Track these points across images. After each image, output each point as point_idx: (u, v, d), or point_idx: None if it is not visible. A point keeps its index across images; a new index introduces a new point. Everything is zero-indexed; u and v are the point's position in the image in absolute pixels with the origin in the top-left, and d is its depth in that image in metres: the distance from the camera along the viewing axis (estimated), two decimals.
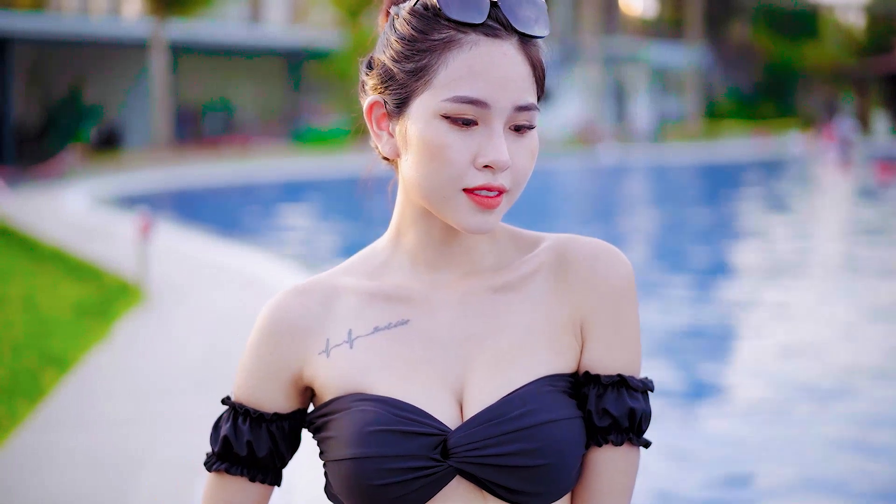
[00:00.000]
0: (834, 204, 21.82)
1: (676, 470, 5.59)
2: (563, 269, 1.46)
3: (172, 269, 10.85)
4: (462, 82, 1.34)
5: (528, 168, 1.39)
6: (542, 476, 1.38)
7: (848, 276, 11.99)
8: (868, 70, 49.04)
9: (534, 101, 1.38)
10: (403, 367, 1.42)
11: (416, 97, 1.37)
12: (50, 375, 6.64)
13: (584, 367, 1.45)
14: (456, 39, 1.35)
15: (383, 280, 1.47)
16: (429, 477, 1.36)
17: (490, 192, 1.35)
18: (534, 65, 1.38)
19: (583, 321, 1.45)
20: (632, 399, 1.44)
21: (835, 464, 5.67)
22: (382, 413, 1.37)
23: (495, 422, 1.37)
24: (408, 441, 1.36)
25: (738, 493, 5.41)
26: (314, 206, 20.23)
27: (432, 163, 1.36)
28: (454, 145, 1.35)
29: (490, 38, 1.35)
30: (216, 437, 1.50)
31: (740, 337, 9.10)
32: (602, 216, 19.52)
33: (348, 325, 1.45)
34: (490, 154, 1.34)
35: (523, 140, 1.38)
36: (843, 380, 7.25)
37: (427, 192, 1.38)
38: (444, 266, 1.46)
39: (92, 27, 30.58)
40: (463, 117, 1.34)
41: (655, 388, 1.50)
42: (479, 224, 1.37)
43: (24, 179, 23.26)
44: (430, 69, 1.36)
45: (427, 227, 1.44)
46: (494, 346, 1.43)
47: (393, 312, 1.45)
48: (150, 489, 4.71)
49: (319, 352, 1.44)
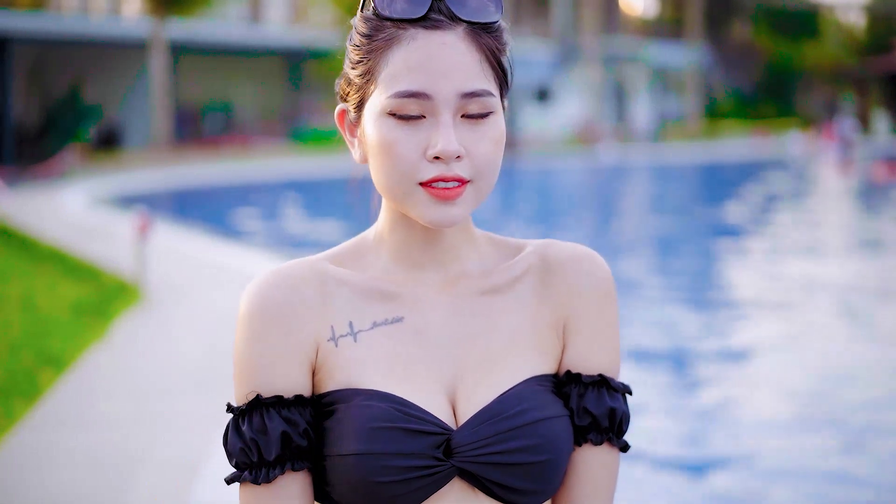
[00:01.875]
0: (834, 203, 21.80)
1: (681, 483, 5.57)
2: (547, 272, 1.48)
3: (171, 268, 10.84)
4: (400, 77, 1.35)
5: (491, 155, 1.37)
6: (541, 472, 1.39)
7: (848, 275, 11.97)
8: (868, 70, 49.06)
9: (484, 87, 1.36)
10: (401, 364, 1.41)
11: (367, 99, 1.40)
12: (47, 375, 6.63)
13: (565, 367, 1.47)
14: (396, 36, 1.36)
15: (372, 274, 1.46)
16: (430, 476, 1.36)
17: (445, 182, 1.34)
18: (487, 52, 1.37)
19: (565, 322, 1.47)
20: (612, 399, 1.46)
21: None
22: (388, 410, 1.36)
23: (494, 420, 1.38)
24: (413, 439, 1.35)
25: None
26: (314, 206, 20.21)
27: (385, 160, 1.36)
28: (402, 140, 1.35)
29: (429, 31, 1.35)
30: (262, 444, 1.37)
31: (740, 337, 9.08)
32: (602, 216, 19.51)
33: (348, 316, 1.42)
34: (437, 144, 1.34)
35: (480, 127, 1.37)
36: (843, 380, 7.24)
37: (388, 190, 1.38)
38: (430, 266, 1.46)
39: (92, 27, 30.57)
40: (407, 112, 1.35)
41: (660, 387, 1.50)
42: (442, 216, 1.36)
43: (24, 179, 23.26)
44: (376, 69, 1.38)
45: (408, 227, 1.44)
46: (485, 347, 1.44)
47: (387, 309, 1.44)
48: (148, 489, 4.69)
49: (328, 339, 1.41)
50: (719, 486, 5.41)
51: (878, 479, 5.46)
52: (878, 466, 5.61)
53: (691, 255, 13.86)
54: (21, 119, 28.97)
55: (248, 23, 37.98)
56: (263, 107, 36.31)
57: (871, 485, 5.39)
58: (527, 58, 39.18)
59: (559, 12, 44.59)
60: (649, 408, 6.49)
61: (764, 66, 52.54)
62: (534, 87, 41.29)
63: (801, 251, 14.02)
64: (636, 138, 40.45)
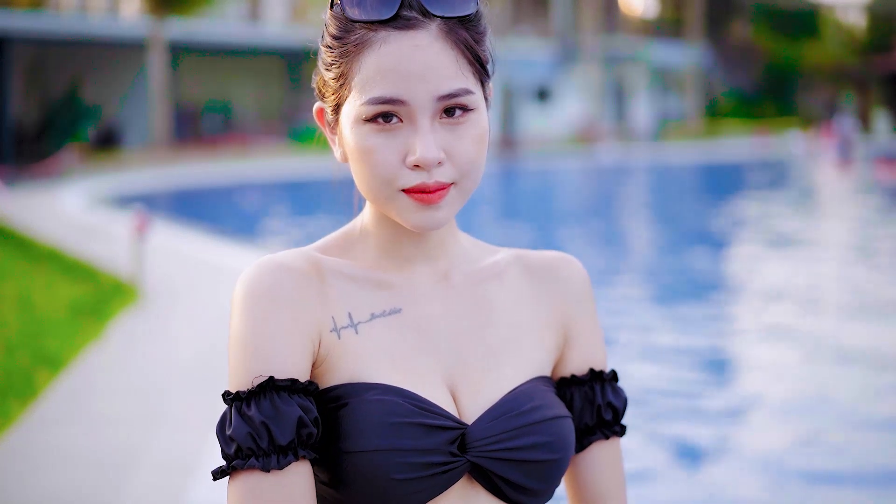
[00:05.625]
0: (834, 203, 21.79)
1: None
2: (531, 275, 1.50)
3: (169, 268, 10.82)
4: (373, 83, 1.30)
5: (474, 154, 1.33)
6: (551, 471, 1.38)
7: (848, 274, 11.94)
8: (869, 69, 49.11)
9: (462, 86, 1.31)
10: (402, 357, 1.38)
11: (343, 103, 1.35)
12: (43, 375, 6.61)
13: (582, 366, 1.50)
14: (366, 39, 1.31)
15: (366, 266, 1.42)
16: (445, 473, 1.33)
17: (428, 189, 1.31)
18: (462, 47, 1.32)
19: (566, 323, 1.49)
20: (621, 390, 1.52)
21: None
22: (403, 405, 1.32)
23: (508, 416, 1.37)
24: (430, 435, 1.32)
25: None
26: (313, 206, 20.19)
27: (364, 168, 1.32)
28: (379, 148, 1.30)
29: (401, 32, 1.29)
30: (274, 428, 1.27)
31: (738, 337, 9.06)
32: (601, 215, 19.49)
33: (346, 307, 1.38)
34: (416, 152, 1.29)
35: (461, 128, 1.32)
36: (841, 378, 7.22)
37: (370, 195, 1.35)
38: (421, 260, 1.43)
39: (91, 26, 30.54)
40: (383, 117, 1.30)
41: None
42: (427, 221, 1.33)
43: (23, 178, 23.24)
44: (349, 74, 1.33)
45: (393, 224, 1.41)
46: (484, 340, 1.42)
47: (384, 299, 1.40)
48: (144, 488, 4.68)
49: (331, 329, 1.36)
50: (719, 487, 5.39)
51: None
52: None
53: (690, 255, 13.83)
54: (20, 118, 28.96)
55: (248, 22, 37.97)
56: (263, 106, 36.31)
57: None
58: (527, 58, 39.19)
59: (559, 12, 44.59)
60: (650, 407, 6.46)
61: (764, 66, 52.56)
62: (534, 87, 41.31)
63: (800, 251, 14.01)
64: (636, 138, 40.44)
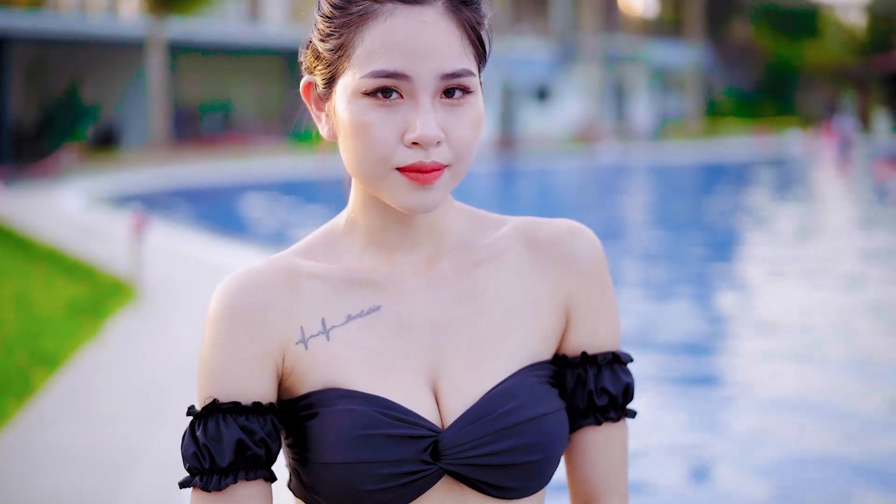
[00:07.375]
0: (834, 202, 21.78)
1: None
2: (536, 249, 1.42)
3: (168, 267, 10.80)
4: (377, 56, 1.27)
5: (470, 138, 1.30)
6: (532, 472, 1.34)
7: (847, 275, 11.92)
8: (869, 69, 49.12)
9: (465, 67, 1.29)
10: (380, 358, 1.34)
11: (339, 76, 1.32)
12: (40, 374, 6.60)
13: (573, 347, 1.42)
14: (371, 11, 1.28)
15: (346, 263, 1.39)
16: (418, 481, 1.31)
17: (424, 169, 1.28)
18: (467, 27, 1.30)
19: (568, 302, 1.42)
20: (624, 374, 1.44)
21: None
22: (371, 414, 1.30)
23: (484, 420, 1.32)
24: (399, 446, 1.30)
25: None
26: (312, 206, 20.17)
27: (359, 143, 1.29)
28: (378, 123, 1.28)
29: (408, 6, 1.27)
30: (214, 450, 1.30)
31: (738, 337, 9.04)
32: (601, 215, 19.47)
33: (319, 313, 1.35)
34: (417, 129, 1.26)
35: (460, 109, 1.30)
36: (841, 378, 7.20)
37: (361, 173, 1.32)
38: (408, 247, 1.38)
39: (90, 26, 30.53)
40: (383, 91, 1.27)
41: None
42: (419, 202, 1.29)
43: (22, 178, 23.24)
44: (349, 45, 1.29)
45: (382, 208, 1.37)
46: (471, 330, 1.37)
47: (363, 299, 1.37)
48: (143, 487, 4.66)
49: (297, 341, 1.34)
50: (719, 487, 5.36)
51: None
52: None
53: (690, 255, 13.82)
54: (19, 118, 28.94)
55: (247, 22, 37.95)
56: (262, 106, 36.29)
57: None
58: (526, 57, 39.17)
59: (559, 11, 44.59)
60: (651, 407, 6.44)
61: (764, 66, 52.57)
62: (534, 87, 41.29)
63: (800, 250, 13.99)
64: (636, 138, 40.42)
